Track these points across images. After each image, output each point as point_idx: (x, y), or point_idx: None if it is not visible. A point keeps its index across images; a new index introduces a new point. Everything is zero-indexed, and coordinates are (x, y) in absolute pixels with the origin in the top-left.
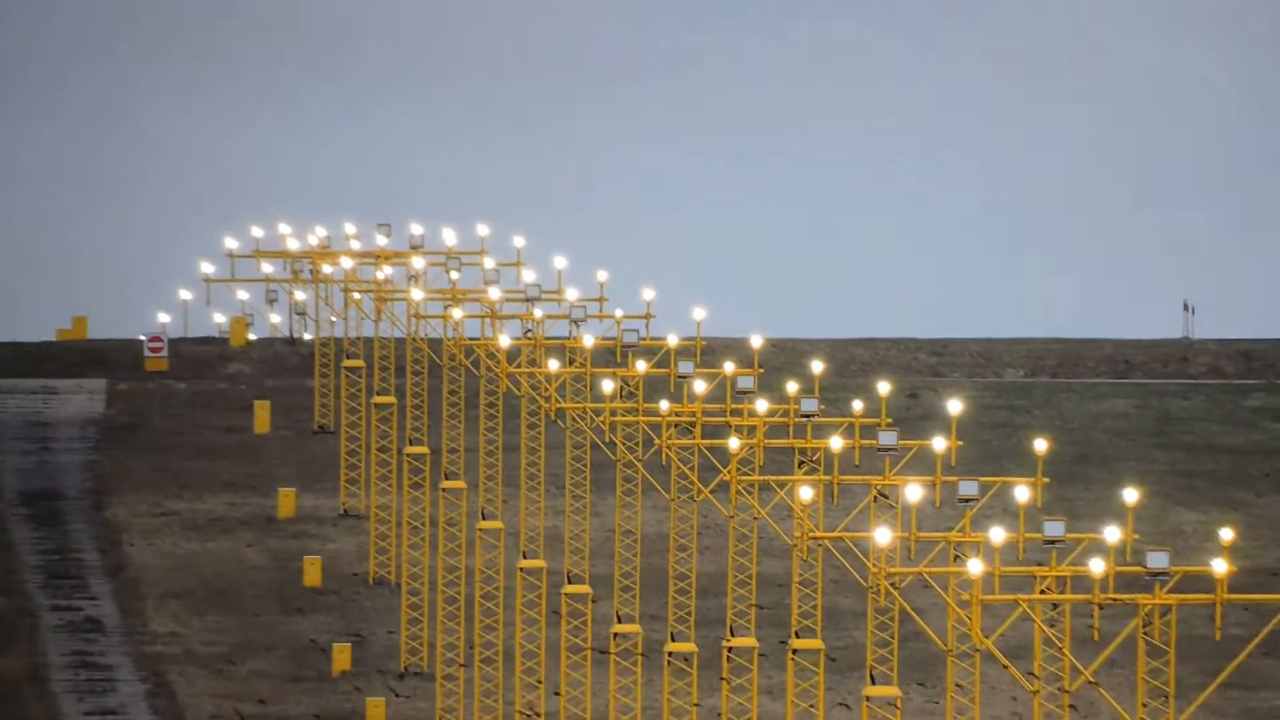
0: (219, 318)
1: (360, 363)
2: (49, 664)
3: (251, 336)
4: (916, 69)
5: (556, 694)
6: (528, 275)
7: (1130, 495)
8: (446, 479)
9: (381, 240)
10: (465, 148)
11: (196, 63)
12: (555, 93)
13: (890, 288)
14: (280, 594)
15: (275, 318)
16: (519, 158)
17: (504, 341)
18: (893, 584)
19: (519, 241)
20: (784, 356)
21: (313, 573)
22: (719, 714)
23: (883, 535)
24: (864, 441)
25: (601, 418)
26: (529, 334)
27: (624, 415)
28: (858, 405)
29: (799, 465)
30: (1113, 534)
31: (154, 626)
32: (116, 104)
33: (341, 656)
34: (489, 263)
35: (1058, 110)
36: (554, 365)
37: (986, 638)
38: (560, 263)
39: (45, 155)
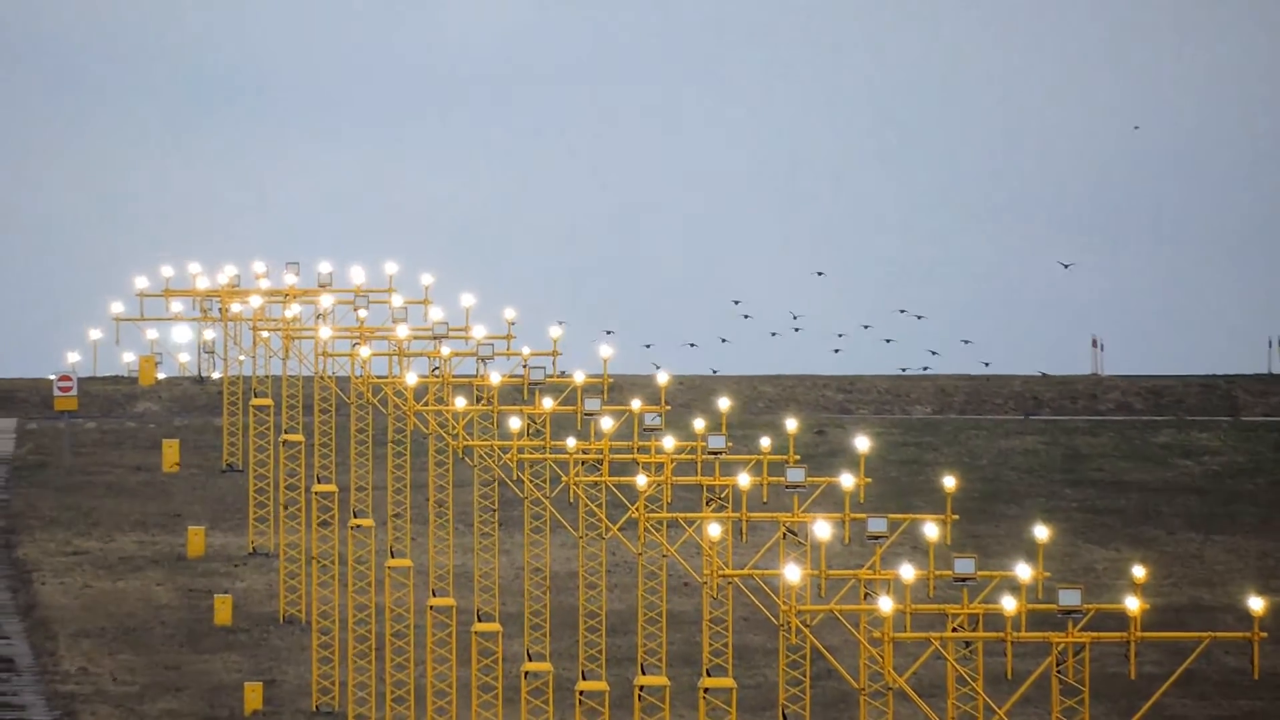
0: (128, 356)
1: (268, 401)
2: None
3: (160, 375)
4: (800, 92)
5: None
6: (435, 313)
7: (1041, 532)
8: (355, 517)
9: (290, 279)
10: (377, 185)
11: (103, 105)
12: (464, 129)
13: (798, 325)
14: (191, 633)
15: (184, 356)
16: (426, 195)
17: (411, 379)
18: (803, 622)
19: (427, 279)
20: (691, 394)
21: (223, 611)
22: None
23: (792, 573)
24: (772, 478)
25: (509, 455)
26: (436, 372)
27: (531, 453)
28: (765, 442)
29: (707, 502)
30: (1024, 571)
31: (66, 666)
32: (26, 145)
33: (253, 695)
34: (397, 300)
35: (957, 146)
36: (461, 403)
37: (899, 676)
38: (468, 300)
39: None
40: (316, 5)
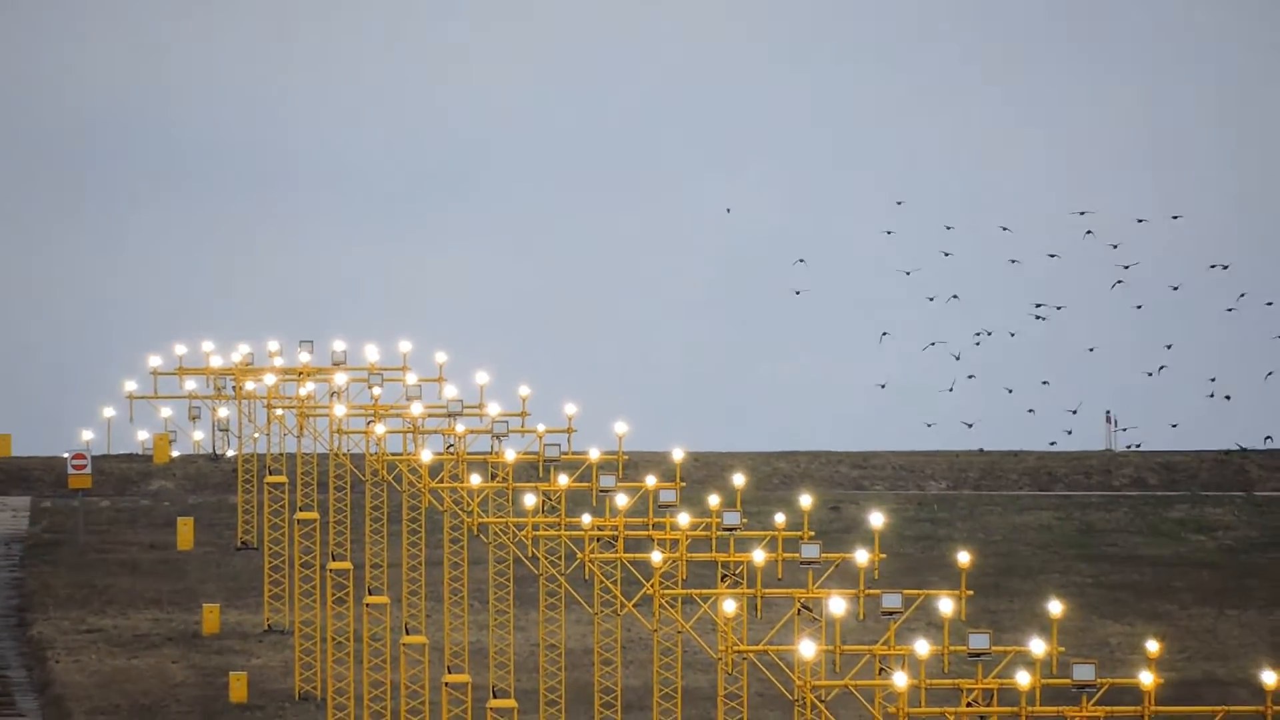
0: (142, 434)
1: (283, 478)
2: None
3: (174, 453)
4: (790, 171)
5: None
6: (449, 390)
7: (1055, 607)
8: (370, 594)
9: (304, 357)
10: (389, 264)
11: (116, 185)
12: (477, 207)
13: (811, 401)
14: (206, 710)
15: (198, 434)
16: (439, 274)
17: (426, 457)
18: (818, 697)
19: (441, 357)
20: (705, 470)
21: (238, 689)
22: None
23: (807, 648)
24: (787, 554)
25: (524, 532)
26: (451, 449)
27: (546, 529)
28: (780, 518)
29: (722, 579)
30: (1038, 646)
31: None
32: (38, 223)
33: None
34: (411, 378)
35: (961, 219)
36: (476, 480)
37: None
38: (482, 378)
39: None
40: (329, 85)
